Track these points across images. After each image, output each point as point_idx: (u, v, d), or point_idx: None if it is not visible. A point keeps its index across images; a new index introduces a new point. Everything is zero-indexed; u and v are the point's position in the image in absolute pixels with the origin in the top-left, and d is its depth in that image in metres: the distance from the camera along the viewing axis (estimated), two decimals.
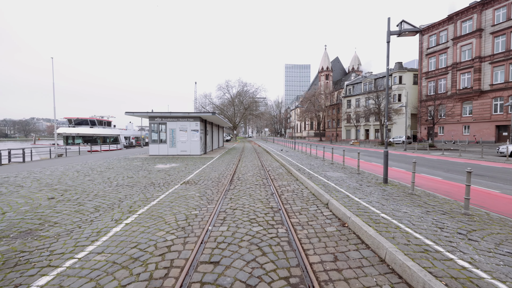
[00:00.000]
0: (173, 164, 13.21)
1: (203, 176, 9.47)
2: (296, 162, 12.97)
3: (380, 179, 8.27)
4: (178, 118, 17.78)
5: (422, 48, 40.70)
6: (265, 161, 14.72)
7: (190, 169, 11.38)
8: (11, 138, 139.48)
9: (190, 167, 12.25)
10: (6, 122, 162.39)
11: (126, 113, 16.92)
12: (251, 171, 10.76)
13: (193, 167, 12.06)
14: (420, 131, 41.30)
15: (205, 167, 12.22)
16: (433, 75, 38.42)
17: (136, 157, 16.87)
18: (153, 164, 13.39)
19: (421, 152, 22.16)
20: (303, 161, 13.48)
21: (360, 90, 52.26)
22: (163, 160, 15.32)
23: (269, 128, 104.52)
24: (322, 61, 78.48)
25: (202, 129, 19.00)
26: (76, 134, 34.44)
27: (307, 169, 10.52)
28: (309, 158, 15.27)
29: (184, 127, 17.85)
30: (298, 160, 14.00)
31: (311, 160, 14.37)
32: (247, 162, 14.48)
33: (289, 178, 8.92)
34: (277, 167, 12.01)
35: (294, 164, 12.07)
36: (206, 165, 12.99)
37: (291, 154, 18.27)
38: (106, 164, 13.38)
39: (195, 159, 15.70)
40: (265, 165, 12.76)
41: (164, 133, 17.96)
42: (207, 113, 17.19)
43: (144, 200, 6.08)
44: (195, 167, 12.23)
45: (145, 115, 17.21)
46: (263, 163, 13.82)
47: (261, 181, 8.45)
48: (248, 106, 64.54)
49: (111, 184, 8.06)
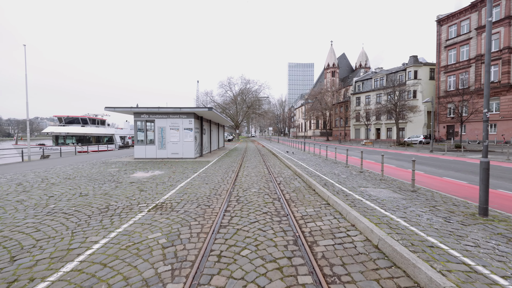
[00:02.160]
0: (156, 172, 10.38)
1: (188, 194, 6.61)
2: (314, 170, 10.05)
3: (459, 202, 5.33)
4: (168, 114, 14.96)
5: (441, 39, 37.39)
6: (272, 167, 11.84)
7: (175, 180, 8.54)
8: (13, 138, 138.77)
9: (177, 176, 9.42)
10: (10, 122, 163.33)
11: (105, 109, 14.15)
12: (256, 185, 7.87)
13: (180, 177, 9.22)
14: (438, 130, 38.04)
15: (195, 176, 9.38)
16: (453, 68, 35.13)
17: (118, 161, 14.10)
18: (131, 171, 10.58)
19: (452, 154, 19.05)
20: (323, 168, 10.55)
21: (370, 87, 49.03)
22: (148, 165, 12.52)
23: (272, 127, 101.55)
24: (328, 58, 75.26)
25: (197, 128, 16.16)
26: (66, 133, 31.89)
27: (335, 182, 7.59)
28: (327, 163, 12.34)
29: (176, 125, 15.03)
30: (315, 166, 11.08)
31: (332, 166, 11.44)
32: (250, 168, 11.60)
33: (313, 200, 6.00)
34: (291, 178, 9.10)
35: (312, 174, 9.16)
36: (198, 173, 10.14)
37: (302, 157, 15.35)
38: (72, 171, 10.61)
39: (187, 164, 12.87)
40: (273, 173, 9.88)
41: (152, 132, 15.16)
42: (202, 108, 14.34)
43: (59, 258, 3.23)
44: (183, 176, 9.39)
45: (128, 110, 14.43)
46: (270, 170, 10.93)
47: (272, 206, 5.55)
48: (251, 104, 61.68)
49: (44, 209, 5.25)
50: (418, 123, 40.13)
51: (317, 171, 9.76)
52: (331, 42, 76.32)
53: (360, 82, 51.87)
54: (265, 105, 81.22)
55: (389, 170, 11.19)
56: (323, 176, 8.47)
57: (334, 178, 8.13)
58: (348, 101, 55.94)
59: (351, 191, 6.24)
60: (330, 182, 7.51)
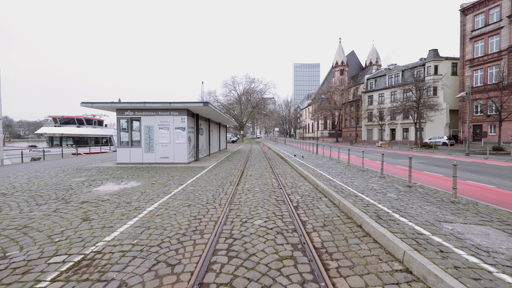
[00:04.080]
0: (131, 184, 7.87)
1: (150, 231, 4.03)
2: (342, 183, 7.33)
3: None
4: (157, 111, 12.50)
5: (465, 30, 34.04)
6: (282, 176, 9.18)
7: (148, 199, 5.99)
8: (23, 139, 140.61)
9: (155, 190, 6.87)
10: (22, 124, 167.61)
11: (82, 104, 11.79)
12: (262, 210, 5.23)
13: (158, 191, 6.67)
14: (463, 131, 34.60)
15: (179, 190, 6.81)
16: (481, 62, 31.75)
17: (94, 167, 11.69)
18: (99, 182, 8.10)
19: (496, 158, 15.94)
20: (353, 180, 7.82)
21: (384, 84, 45.78)
22: (127, 173, 10.04)
23: (278, 128, 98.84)
24: (336, 55, 72.11)
25: (191, 127, 13.65)
26: (60, 134, 29.98)
27: (387, 208, 4.83)
28: (353, 171, 9.59)
29: (166, 123, 12.55)
30: (340, 177, 8.36)
31: (362, 176, 8.69)
32: (254, 178, 8.98)
33: (370, 256, 3.28)
34: (311, 195, 6.41)
35: (343, 189, 6.44)
36: (184, 185, 7.57)
37: (317, 162, 12.63)
38: (25, 180, 8.19)
39: (176, 171, 10.34)
40: (285, 187, 7.23)
41: (137, 132, 12.73)
42: (196, 102, 11.80)
43: None
44: (161, 191, 6.83)
45: (108, 106, 12.02)
46: (280, 180, 8.28)
47: (293, 268, 2.91)
48: (256, 104, 59.10)
49: None
50: (439, 123, 36.71)
51: (346, 184, 7.04)
52: (340, 39, 73.19)
53: (372, 80, 48.65)
54: (271, 105, 78.62)
55: (444, 183, 8.39)
56: (360, 195, 5.75)
57: (382, 200, 5.40)
58: (360, 100, 52.73)
59: (435, 235, 3.48)
60: (379, 208, 4.78)
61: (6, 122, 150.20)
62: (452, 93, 36.98)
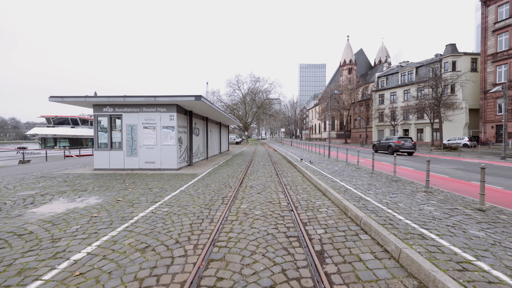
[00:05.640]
0: (88, 200, 5.85)
1: None
2: (384, 205, 5.12)
3: None
4: (141, 106, 10.52)
5: (487, 23, 31.35)
6: (293, 190, 7.03)
7: (91, 231, 3.93)
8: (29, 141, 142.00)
9: (114, 212, 4.82)
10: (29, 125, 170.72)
11: (50, 99, 9.88)
12: (263, 263, 3.11)
13: (115, 215, 4.61)
14: (485, 131, 31.80)
15: (143, 216, 4.73)
16: (505, 56, 29.05)
17: (64, 174, 9.76)
18: (49, 197, 6.11)
19: None
20: (395, 199, 5.61)
21: (396, 82, 43.15)
22: (97, 182, 8.04)
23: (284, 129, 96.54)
24: (344, 54, 69.57)
25: (183, 126, 11.63)
26: (53, 135, 28.45)
27: (488, 266, 2.69)
28: (385, 182, 7.38)
29: (151, 122, 10.55)
30: (374, 193, 6.16)
31: (405, 192, 6.46)
32: (255, 193, 6.86)
33: None
34: (342, 229, 4.24)
35: (392, 220, 4.26)
36: (157, 204, 5.50)
37: (332, 168, 10.41)
38: None
39: (159, 181, 8.30)
40: (297, 208, 5.10)
41: (118, 132, 10.76)
42: (187, 96, 9.75)
43: None
44: (120, 215, 4.76)
45: (82, 101, 10.06)
46: (291, 198, 6.14)
47: None
48: (261, 104, 57.04)
49: None
50: (457, 123, 33.92)
51: (388, 206, 4.85)
52: (348, 37, 70.61)
53: (383, 78, 46.04)
54: (276, 106, 76.47)
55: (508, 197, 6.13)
56: (425, 232, 3.54)
57: (469, 244, 3.20)
58: (370, 99, 50.14)
59: None
60: (478, 267, 2.61)
61: (13, 123, 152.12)
62: (472, 91, 34.21)
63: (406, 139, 19.79)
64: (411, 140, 19.83)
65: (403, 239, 3.20)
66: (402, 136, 22.18)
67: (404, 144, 19.37)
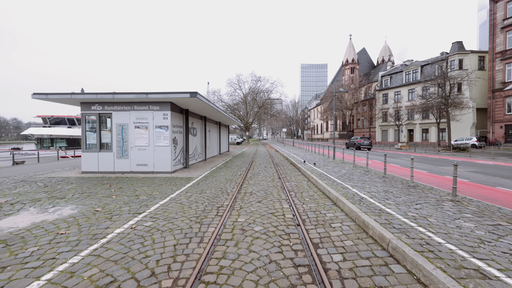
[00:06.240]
0: (62, 211, 5.05)
1: None
2: (411, 221, 4.26)
3: None
4: (132, 104, 9.72)
5: (495, 19, 30.35)
6: (298, 197, 6.20)
7: (48, 257, 3.11)
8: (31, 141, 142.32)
9: (87, 227, 4.00)
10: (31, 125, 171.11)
11: (33, 96, 9.11)
12: None
13: (87, 232, 3.80)
14: (493, 131, 30.79)
15: (119, 234, 3.90)
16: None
17: (45, 178, 8.99)
18: (19, 206, 5.31)
19: None
20: (422, 212, 4.74)
21: (400, 81, 42.19)
22: (80, 188, 7.26)
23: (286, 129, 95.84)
24: (346, 53, 68.71)
25: (178, 125, 10.82)
26: (49, 135, 27.80)
27: None
28: (400, 188, 6.53)
29: (143, 121, 9.76)
30: (394, 203, 5.32)
31: (431, 203, 5.59)
32: (255, 201, 6.04)
33: None
34: (365, 255, 3.39)
35: (430, 244, 3.42)
36: (140, 217, 4.68)
37: (341, 172, 9.56)
38: None
39: (149, 186, 7.49)
40: (306, 223, 4.27)
41: (107, 132, 9.98)
42: (181, 93, 8.95)
43: None
44: (92, 232, 3.94)
45: (67, 98, 9.26)
46: (297, 208, 5.30)
47: None
48: (262, 104, 56.18)
49: None
50: (464, 123, 32.92)
51: (417, 222, 4.00)
52: (350, 36, 69.73)
53: (387, 77, 45.07)
54: (278, 105, 75.58)
55: None
56: (473, 260, 2.72)
57: None
58: (373, 99, 49.17)
59: None
60: None
61: (15, 123, 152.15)
62: (479, 90, 33.21)
63: (365, 139, 27.79)
64: (369, 139, 27.65)
65: (457, 278, 2.35)
66: (362, 137, 28.79)
67: (364, 142, 27.30)
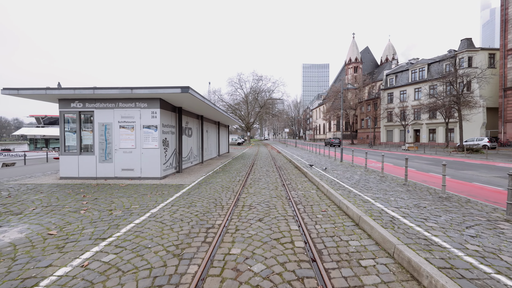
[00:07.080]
0: (7, 235, 3.89)
1: None
2: (474, 258, 3.12)
3: None
4: (116, 101, 8.59)
5: (507, 15, 29.06)
6: (308, 213, 5.02)
7: None
8: None
9: (22, 263, 2.85)
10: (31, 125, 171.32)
11: (3, 91, 8.00)
12: None
13: (31, 266, 2.64)
14: (504, 131, 29.46)
15: (66, 276, 2.73)
16: None
17: (16, 185, 7.87)
18: None
19: None
20: (481, 241, 3.59)
21: (406, 80, 40.87)
22: (49, 198, 6.13)
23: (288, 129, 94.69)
24: (349, 52, 67.34)
25: (170, 125, 9.68)
26: (41, 136, 26.79)
27: None
28: (432, 201, 5.33)
29: (129, 120, 8.62)
30: (443, 228, 4.13)
31: (481, 223, 4.41)
32: (255, 219, 4.90)
33: None
34: None
35: None
36: (102, 244, 3.52)
37: (354, 178, 8.37)
38: None
39: (130, 196, 6.35)
40: (324, 258, 3.10)
41: (89, 132, 8.84)
42: (171, 88, 7.82)
43: None
44: (39, 266, 2.78)
45: (42, 94, 8.11)
46: (309, 231, 4.12)
47: None
48: (263, 104, 55.00)
49: None
50: (474, 123, 31.55)
51: (486, 261, 2.84)
52: (353, 35, 68.38)
53: (392, 76, 43.76)
54: (279, 105, 74.41)
55: None
56: None
57: None
58: (377, 98, 47.85)
59: None
60: None
61: (16, 124, 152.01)
62: (490, 89, 31.83)
63: (336, 139, 39.11)
64: (339, 139, 34.67)
65: None
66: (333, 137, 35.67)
67: (334, 141, 38.07)
